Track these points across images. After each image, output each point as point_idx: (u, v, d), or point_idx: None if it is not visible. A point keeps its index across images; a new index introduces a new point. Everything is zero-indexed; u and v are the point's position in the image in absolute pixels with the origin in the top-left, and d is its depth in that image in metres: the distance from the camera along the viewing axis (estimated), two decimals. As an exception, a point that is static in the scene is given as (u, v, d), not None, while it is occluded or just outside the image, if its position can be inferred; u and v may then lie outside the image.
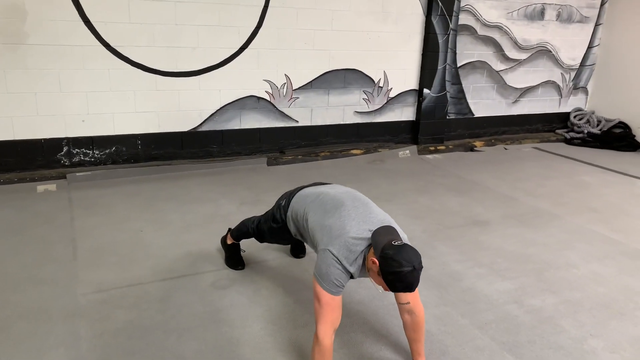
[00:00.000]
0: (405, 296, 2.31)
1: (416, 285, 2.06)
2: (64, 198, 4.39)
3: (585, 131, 7.36)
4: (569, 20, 7.23)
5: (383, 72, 6.14)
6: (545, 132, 7.65)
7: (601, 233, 4.11)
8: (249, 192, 4.71)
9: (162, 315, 2.77)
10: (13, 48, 4.45)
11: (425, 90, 6.38)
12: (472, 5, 6.44)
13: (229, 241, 3.38)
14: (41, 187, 4.56)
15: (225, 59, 5.28)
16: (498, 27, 6.73)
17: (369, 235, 2.19)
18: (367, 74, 6.05)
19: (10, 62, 4.47)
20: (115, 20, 4.73)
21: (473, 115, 7.00)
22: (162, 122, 5.19)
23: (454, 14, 6.23)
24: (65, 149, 4.87)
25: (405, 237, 2.27)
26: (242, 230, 3.17)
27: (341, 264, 2.17)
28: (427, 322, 2.75)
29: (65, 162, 4.90)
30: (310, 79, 5.74)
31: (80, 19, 4.61)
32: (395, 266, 1.99)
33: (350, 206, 2.38)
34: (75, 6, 4.56)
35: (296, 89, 5.70)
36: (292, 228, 2.73)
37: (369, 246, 2.17)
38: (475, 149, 6.71)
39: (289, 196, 2.79)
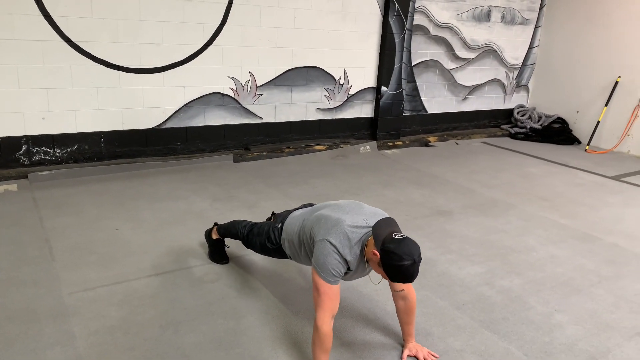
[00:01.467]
0: (398, 284, 2.44)
1: (416, 277, 2.16)
2: (28, 198, 4.25)
3: (528, 126, 7.87)
4: (512, 22, 7.70)
5: (343, 70, 6.31)
6: (491, 128, 8.12)
7: (553, 219, 4.47)
8: (219, 189, 4.73)
9: (154, 310, 2.79)
10: (-33, 42, 4.25)
11: (383, 88, 6.61)
12: (425, 7, 6.74)
13: (214, 236, 3.41)
14: (1, 188, 4.38)
15: (190, 56, 5.26)
16: (449, 28, 7.07)
17: (365, 224, 2.31)
18: (329, 71, 6.20)
19: (-36, 57, 4.27)
20: (77, 15, 4.61)
21: (426, 112, 7.32)
22: (125, 120, 5.10)
23: (409, 14, 6.50)
24: (24, 147, 4.69)
25: None
26: (231, 232, 3.18)
27: (339, 253, 2.25)
28: (411, 306, 2.94)
29: (25, 161, 4.73)
30: (274, 76, 5.82)
31: (40, 13, 4.46)
32: (397, 260, 2.09)
33: (343, 204, 2.52)
34: (35, 0, 4.41)
35: (260, 85, 5.76)
36: (287, 250, 2.71)
37: (366, 235, 2.28)
38: (429, 144, 7.03)
39: (282, 219, 2.79)
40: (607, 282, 3.40)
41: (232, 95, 5.63)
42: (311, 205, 2.89)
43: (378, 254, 2.15)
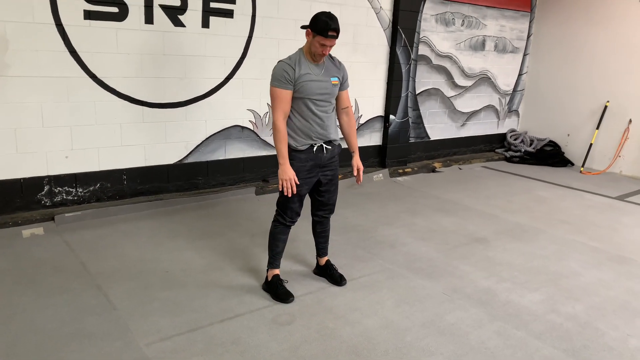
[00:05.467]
0: (344, 101, 3.31)
1: (332, 21, 2.98)
2: (59, 242, 4.04)
3: (522, 150, 8.15)
4: (504, 50, 8.03)
5: (354, 100, 6.38)
6: (487, 152, 8.36)
7: (583, 242, 4.62)
8: (253, 224, 4.65)
9: (242, 357, 2.68)
10: (-8, 80, 4.06)
11: (391, 117, 6.72)
12: (428, 37, 6.94)
13: (270, 276, 3.36)
14: (27, 232, 4.16)
15: (212, 89, 5.20)
16: (449, 57, 7.30)
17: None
18: (341, 101, 6.24)
19: (-12, 96, 4.07)
20: (102, 51, 4.49)
21: (429, 138, 7.47)
22: (148, 155, 4.96)
23: (414, 45, 6.67)
24: (46, 188, 4.48)
25: None
26: (274, 235, 3.34)
27: (285, 63, 3.03)
28: (491, 340, 2.96)
29: (47, 202, 4.50)
30: (291, 108, 5.81)
31: (66, 49, 4.32)
32: (318, 17, 2.99)
33: None
34: (61, 35, 4.27)
35: (277, 117, 5.73)
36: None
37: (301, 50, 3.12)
38: (436, 170, 7.16)
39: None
40: (661, 303, 3.52)
41: (251, 127, 5.58)
42: None
43: (309, 29, 3.00)
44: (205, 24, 5.00)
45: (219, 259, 3.88)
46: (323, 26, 2.95)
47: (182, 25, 4.86)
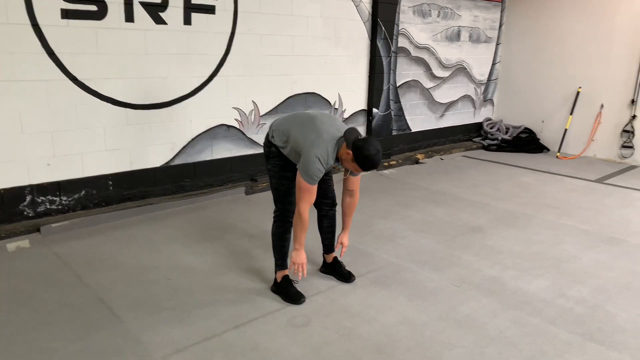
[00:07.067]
0: (353, 184, 3.24)
1: (379, 164, 2.88)
2: (48, 254, 3.83)
3: (499, 138, 8.29)
4: (478, 40, 8.12)
5: (338, 94, 6.33)
6: (465, 141, 8.46)
7: (573, 226, 4.72)
8: (249, 224, 4.54)
9: (265, 364, 2.60)
10: (-35, 86, 3.81)
11: (375, 110, 6.70)
12: (406, 29, 6.94)
13: (279, 278, 3.29)
14: (12, 245, 3.93)
15: (196, 88, 5.05)
16: (427, 49, 7.33)
17: (338, 133, 2.94)
18: (325, 96, 6.19)
19: (-38, 103, 3.82)
20: (82, 52, 4.28)
21: (411, 130, 7.50)
22: (134, 159, 4.78)
23: (394, 37, 6.66)
24: (28, 198, 4.25)
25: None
26: (278, 236, 3.27)
27: (320, 162, 2.89)
28: (509, 329, 2.98)
29: (29, 213, 4.27)
30: (276, 104, 5.72)
31: (44, 51, 4.09)
32: (365, 151, 2.81)
33: (320, 117, 3.07)
34: (38, 36, 4.04)
35: (263, 115, 5.63)
36: (286, 149, 3.08)
37: (339, 141, 2.92)
38: (419, 161, 7.19)
39: (265, 137, 3.25)
40: (660, 281, 3.63)
41: (237, 126, 5.45)
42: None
43: (351, 152, 2.84)
44: (187, 20, 4.84)
45: (221, 262, 3.76)
46: (368, 165, 2.86)
47: (164, 22, 4.69)
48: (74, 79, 4.28)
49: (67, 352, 2.65)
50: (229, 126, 5.38)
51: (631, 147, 7.31)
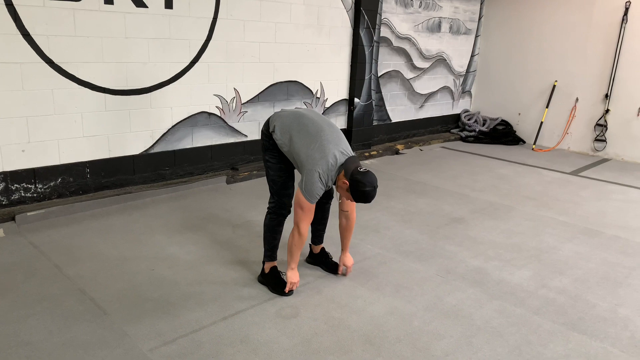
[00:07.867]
0: (348, 206, 3.23)
1: (372, 200, 2.86)
2: (24, 244, 3.70)
3: (477, 129, 8.39)
4: (457, 32, 8.17)
5: (320, 83, 6.28)
6: (444, 132, 8.53)
7: (552, 217, 4.82)
8: (231, 214, 4.48)
9: (256, 356, 2.57)
10: None
11: (356, 100, 6.68)
12: (388, 19, 6.92)
13: (267, 269, 3.26)
14: (-15, 235, 3.78)
15: (177, 74, 4.93)
16: (408, 39, 7.33)
17: (342, 155, 2.90)
18: (307, 85, 6.13)
19: None
20: (58, 34, 4.11)
21: (391, 120, 7.51)
22: (112, 146, 4.65)
23: (376, 26, 6.63)
24: (2, 185, 4.09)
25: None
26: (270, 228, 3.20)
27: (322, 182, 2.88)
28: (495, 319, 3.02)
29: (3, 200, 4.11)
30: (257, 92, 5.64)
31: (19, 32, 3.92)
32: (362, 186, 2.80)
33: (328, 131, 2.98)
34: (12, 17, 3.87)
35: (244, 102, 5.55)
36: (284, 148, 3.03)
37: (340, 168, 2.88)
38: (399, 152, 7.22)
39: (266, 129, 3.16)
40: (636, 272, 3.73)
41: (219, 114, 5.36)
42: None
43: (347, 183, 2.84)
44: (169, 4, 4.70)
45: (204, 253, 3.70)
46: (361, 199, 2.86)
47: (144, 5, 4.54)
48: (50, 62, 4.12)
49: (49, 345, 2.57)
50: (210, 114, 5.28)
51: (604, 140, 7.50)
